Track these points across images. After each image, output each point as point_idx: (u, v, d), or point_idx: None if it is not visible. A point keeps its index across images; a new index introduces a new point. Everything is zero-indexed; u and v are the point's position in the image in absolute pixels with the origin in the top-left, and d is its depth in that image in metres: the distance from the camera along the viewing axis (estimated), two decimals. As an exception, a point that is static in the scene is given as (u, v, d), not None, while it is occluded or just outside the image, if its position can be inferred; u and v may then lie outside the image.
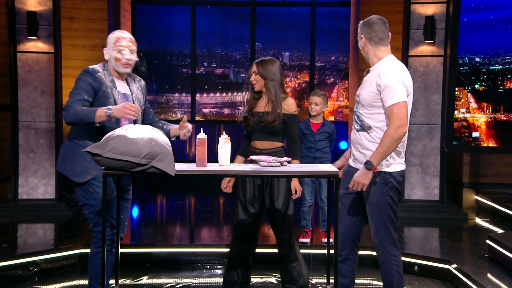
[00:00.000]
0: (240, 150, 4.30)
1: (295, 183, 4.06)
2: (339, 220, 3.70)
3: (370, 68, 3.66)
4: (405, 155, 3.66)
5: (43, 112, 6.84)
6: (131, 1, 9.63)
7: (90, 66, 3.71)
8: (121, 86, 3.77)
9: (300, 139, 5.49)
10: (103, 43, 7.88)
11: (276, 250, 4.49)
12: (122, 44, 3.72)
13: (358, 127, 3.64)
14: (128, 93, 3.80)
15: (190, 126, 3.85)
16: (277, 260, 4.31)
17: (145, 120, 3.99)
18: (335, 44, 10.61)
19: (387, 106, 3.44)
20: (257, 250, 5.45)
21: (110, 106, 3.48)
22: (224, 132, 3.86)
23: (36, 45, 6.82)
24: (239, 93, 10.75)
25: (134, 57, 3.76)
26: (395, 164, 3.58)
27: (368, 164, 3.38)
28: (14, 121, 6.82)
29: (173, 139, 3.92)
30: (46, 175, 6.90)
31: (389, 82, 3.45)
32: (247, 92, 4.27)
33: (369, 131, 3.58)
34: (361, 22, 3.70)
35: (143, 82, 3.98)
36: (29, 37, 6.77)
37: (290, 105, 4.08)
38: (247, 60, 10.56)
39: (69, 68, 7.52)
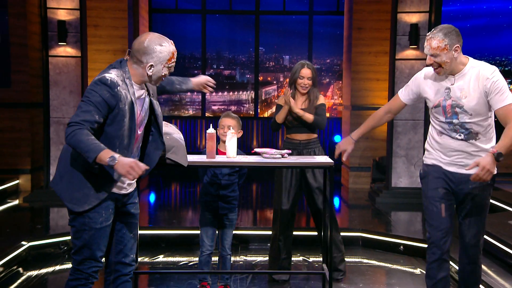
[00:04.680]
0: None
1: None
2: (433, 224, 3.21)
3: (450, 75, 3.12)
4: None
5: (71, 109, 6.86)
6: (148, 11, 9.63)
7: (108, 76, 2.68)
8: (139, 92, 2.86)
9: (203, 172, 4.08)
10: (124, 48, 7.90)
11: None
12: (174, 60, 2.85)
13: (463, 137, 3.13)
14: (145, 95, 2.91)
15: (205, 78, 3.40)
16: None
17: (165, 90, 3.28)
18: (330, 48, 10.60)
19: (503, 106, 3.00)
20: (259, 232, 5.50)
21: (115, 156, 2.53)
22: (231, 127, 3.87)
23: (65, 50, 6.84)
24: (244, 92, 10.76)
25: None
26: None
27: (499, 156, 2.88)
28: (46, 117, 6.86)
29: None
30: (74, 165, 6.91)
31: (500, 81, 3.03)
32: (289, 90, 4.31)
33: (477, 138, 3.13)
34: (447, 31, 3.05)
35: None
36: (59, 43, 6.79)
37: (320, 99, 4.31)
38: (252, 62, 10.56)
39: (94, 70, 7.52)
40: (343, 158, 3.50)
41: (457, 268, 4.24)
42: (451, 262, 3.80)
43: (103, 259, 2.94)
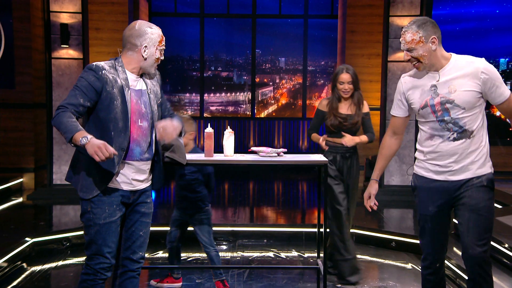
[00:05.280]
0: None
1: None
2: (425, 238, 2.99)
3: (433, 71, 2.81)
4: None
5: (73, 109, 6.85)
6: (148, 14, 9.62)
7: (95, 62, 2.79)
8: (135, 82, 2.86)
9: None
10: (124, 50, 7.89)
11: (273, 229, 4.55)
12: (164, 44, 2.92)
13: (456, 136, 2.80)
14: (143, 88, 2.90)
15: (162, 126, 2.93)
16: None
17: (163, 115, 3.12)
18: (325, 50, 10.61)
19: (505, 99, 2.76)
20: (256, 229, 5.51)
21: (87, 136, 2.54)
22: (228, 126, 3.88)
23: (67, 53, 6.83)
24: (242, 93, 10.76)
25: None
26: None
27: None
28: (49, 117, 6.85)
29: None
30: (76, 164, 6.90)
31: (495, 74, 2.75)
32: (331, 97, 4.18)
33: (471, 136, 2.80)
34: (421, 22, 2.74)
35: (157, 72, 3.03)
36: (62, 46, 6.78)
37: (365, 106, 4.21)
38: (248, 64, 10.56)
39: (96, 72, 7.53)
40: (371, 204, 3.17)
41: (452, 266, 4.26)
42: (447, 262, 3.77)
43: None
